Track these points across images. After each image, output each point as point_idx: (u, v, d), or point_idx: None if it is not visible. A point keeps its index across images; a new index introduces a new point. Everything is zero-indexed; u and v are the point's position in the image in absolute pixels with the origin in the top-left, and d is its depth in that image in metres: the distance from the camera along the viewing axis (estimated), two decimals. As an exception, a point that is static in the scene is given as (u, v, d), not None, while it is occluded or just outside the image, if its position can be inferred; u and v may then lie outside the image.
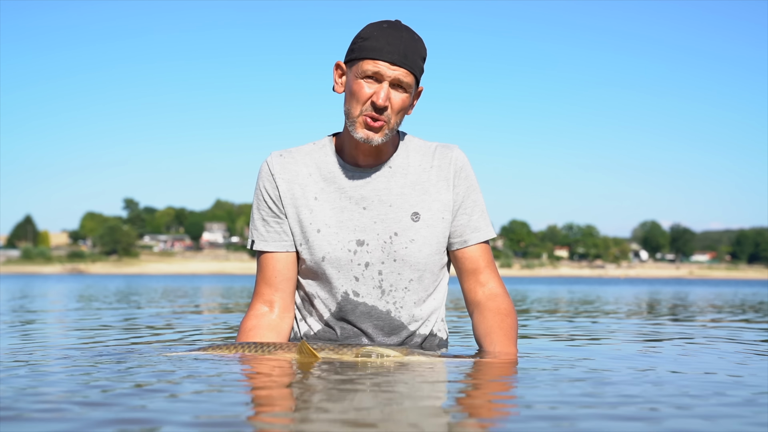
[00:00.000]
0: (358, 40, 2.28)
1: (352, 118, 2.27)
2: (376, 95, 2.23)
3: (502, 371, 2.12)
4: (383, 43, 2.23)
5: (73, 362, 2.29)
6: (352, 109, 2.27)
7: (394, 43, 2.23)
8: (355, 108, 2.25)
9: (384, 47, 2.22)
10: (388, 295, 2.34)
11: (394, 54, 2.22)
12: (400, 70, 2.23)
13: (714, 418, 1.54)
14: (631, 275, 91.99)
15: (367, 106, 2.24)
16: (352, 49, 2.29)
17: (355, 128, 2.27)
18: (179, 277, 42.11)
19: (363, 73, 2.24)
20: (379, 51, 2.22)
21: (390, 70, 2.23)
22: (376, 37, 2.24)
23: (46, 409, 1.55)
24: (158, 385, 1.81)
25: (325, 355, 2.19)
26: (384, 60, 2.22)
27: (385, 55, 2.22)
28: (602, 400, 1.71)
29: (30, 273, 68.10)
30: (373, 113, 2.24)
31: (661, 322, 4.99)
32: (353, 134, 2.28)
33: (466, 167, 2.41)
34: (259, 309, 2.40)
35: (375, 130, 2.26)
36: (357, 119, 2.26)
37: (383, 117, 2.24)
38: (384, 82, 2.23)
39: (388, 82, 2.23)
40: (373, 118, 2.24)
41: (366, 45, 2.24)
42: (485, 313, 2.36)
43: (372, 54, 2.23)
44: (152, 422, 1.43)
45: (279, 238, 2.37)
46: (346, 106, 2.29)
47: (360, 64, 2.24)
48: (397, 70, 2.23)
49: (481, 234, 2.40)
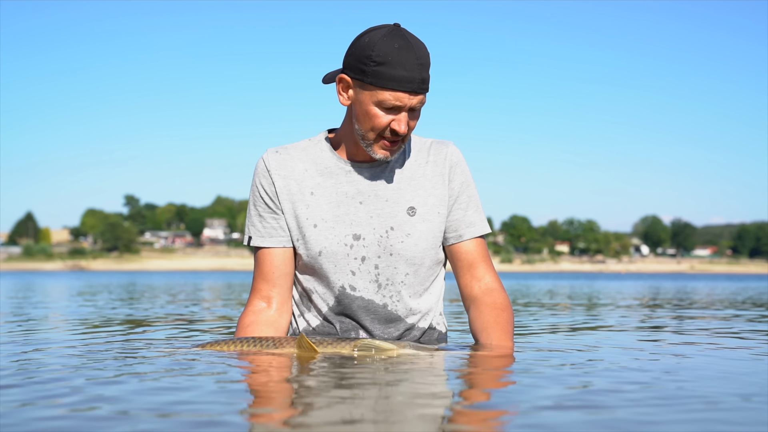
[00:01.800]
0: (369, 62, 2.19)
1: (367, 140, 2.27)
2: (397, 123, 2.22)
3: (499, 364, 2.13)
4: (401, 71, 2.18)
5: (73, 358, 2.31)
6: (367, 134, 2.26)
7: (412, 70, 2.18)
8: (371, 133, 2.25)
9: (403, 77, 2.18)
10: (384, 289, 2.35)
11: (414, 83, 2.19)
12: (418, 97, 2.23)
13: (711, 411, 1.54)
14: (632, 270, 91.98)
15: (387, 132, 2.25)
16: (364, 70, 2.21)
17: (372, 149, 2.28)
18: (180, 274, 42.12)
19: (381, 104, 2.21)
20: (398, 82, 2.18)
21: (409, 99, 2.21)
22: (392, 64, 2.17)
23: (45, 406, 1.55)
24: (157, 381, 1.82)
25: (324, 349, 2.21)
26: (404, 91, 2.20)
27: (405, 86, 2.19)
28: (600, 395, 1.72)
29: (31, 270, 68.12)
30: (391, 138, 2.25)
31: (661, 316, 5.00)
32: (370, 153, 2.29)
33: (461, 163, 2.43)
34: (257, 305, 2.41)
35: (393, 152, 2.29)
36: (374, 141, 2.27)
37: (401, 138, 2.27)
38: (403, 111, 2.23)
39: (406, 108, 2.23)
40: (391, 141, 2.26)
41: (382, 72, 2.18)
42: (481, 308, 2.37)
43: (391, 85, 2.18)
44: (151, 418, 1.44)
45: (276, 233, 2.39)
46: (360, 127, 2.26)
47: (377, 92, 2.20)
48: (416, 97, 2.22)
49: (476, 229, 2.42)
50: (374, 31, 2.24)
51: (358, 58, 2.22)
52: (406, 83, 2.19)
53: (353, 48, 2.25)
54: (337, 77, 2.29)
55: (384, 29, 2.23)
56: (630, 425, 1.39)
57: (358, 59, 2.22)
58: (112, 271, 65.53)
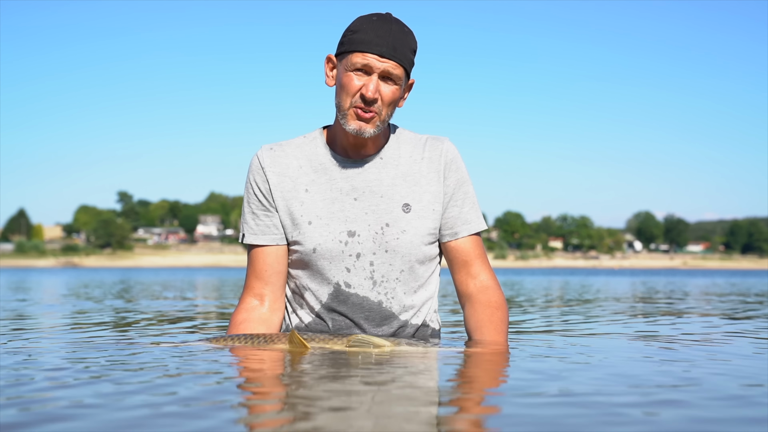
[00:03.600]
0: (347, 33, 2.28)
1: (343, 110, 2.28)
2: (366, 88, 2.24)
3: (492, 360, 2.13)
4: (372, 35, 2.24)
5: (66, 353, 2.29)
6: (342, 102, 2.28)
7: (383, 36, 2.24)
8: (345, 100, 2.26)
9: (373, 40, 2.23)
10: (379, 285, 2.34)
11: (383, 46, 2.23)
12: (389, 63, 2.24)
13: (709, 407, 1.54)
14: (625, 266, 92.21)
15: (357, 98, 2.25)
16: (342, 42, 2.29)
17: (346, 120, 2.28)
18: (173, 270, 42.09)
19: (352, 66, 2.24)
20: (368, 44, 2.23)
21: (379, 63, 2.23)
22: (365, 30, 2.25)
23: (44, 399, 1.54)
24: (147, 378, 1.81)
25: (316, 345, 2.20)
26: (373, 52, 2.23)
27: (374, 48, 2.23)
28: (596, 391, 1.71)
29: (24, 266, 67.99)
30: (363, 105, 2.25)
31: (654, 312, 5.00)
32: (345, 126, 2.28)
33: (456, 159, 2.42)
34: (250, 302, 2.40)
35: (366, 121, 2.27)
36: (348, 111, 2.27)
37: (374, 109, 2.26)
38: (373, 74, 2.24)
39: (377, 74, 2.24)
40: (363, 109, 2.25)
41: (355, 38, 2.25)
42: (476, 305, 2.37)
43: (361, 47, 2.23)
44: (143, 414, 1.43)
45: (269, 231, 2.38)
46: (337, 99, 2.30)
47: (349, 56, 2.25)
48: (386, 62, 2.24)
49: (471, 226, 2.41)
50: None
51: (342, 36, 2.31)
52: (375, 46, 2.23)
53: None
54: (326, 57, 2.35)
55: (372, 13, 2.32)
56: (627, 419, 1.38)
57: (342, 36, 2.31)
58: (105, 267, 65.45)
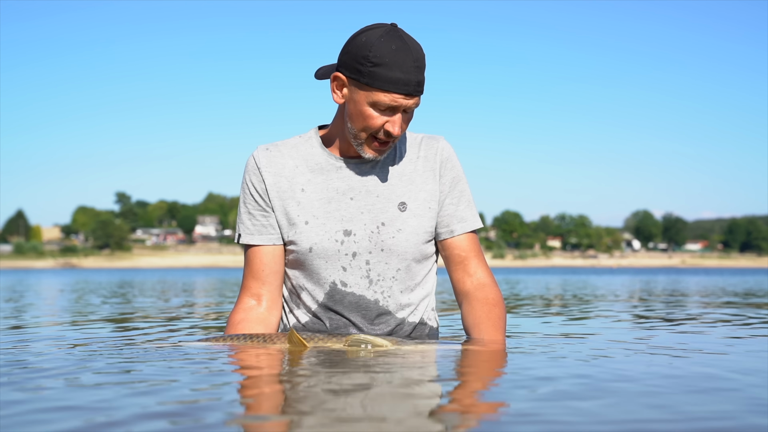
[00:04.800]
0: (366, 62, 2.17)
1: (359, 139, 2.26)
2: (391, 125, 2.21)
3: (490, 358, 2.13)
4: (398, 73, 2.16)
5: (63, 354, 2.29)
6: (359, 133, 2.25)
7: (408, 72, 2.17)
8: (363, 133, 2.25)
9: (399, 79, 2.16)
10: (375, 284, 2.34)
11: (410, 86, 2.18)
12: (414, 100, 2.22)
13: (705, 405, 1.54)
14: (623, 265, 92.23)
15: (379, 132, 2.24)
16: (360, 70, 2.19)
17: (363, 149, 2.27)
18: (172, 271, 42.04)
19: (376, 105, 2.20)
20: (394, 84, 2.16)
21: (405, 101, 2.20)
22: (389, 66, 2.16)
23: (40, 399, 1.54)
24: (147, 377, 1.81)
25: (314, 344, 2.20)
26: (399, 93, 2.18)
27: (401, 88, 2.17)
28: (594, 387, 1.71)
29: (22, 268, 67.92)
30: (384, 139, 2.25)
31: (653, 309, 5.01)
32: (360, 152, 2.28)
33: (452, 158, 2.42)
34: (247, 302, 2.40)
35: (383, 152, 2.29)
36: (365, 141, 2.26)
37: (392, 139, 2.26)
38: (398, 112, 2.22)
39: (401, 110, 2.22)
40: (384, 142, 2.26)
41: (379, 74, 2.16)
42: (473, 303, 2.37)
43: (387, 87, 2.17)
44: (143, 413, 1.43)
45: (266, 231, 2.38)
46: (352, 125, 2.25)
47: (373, 93, 2.18)
48: (412, 100, 2.21)
49: (467, 224, 2.41)
50: (371, 30, 2.22)
51: (354, 58, 2.21)
52: (403, 85, 2.18)
53: (349, 47, 2.23)
54: (332, 75, 2.27)
55: (381, 29, 2.21)
56: (626, 417, 1.39)
57: (355, 59, 2.20)
58: (103, 268, 65.39)
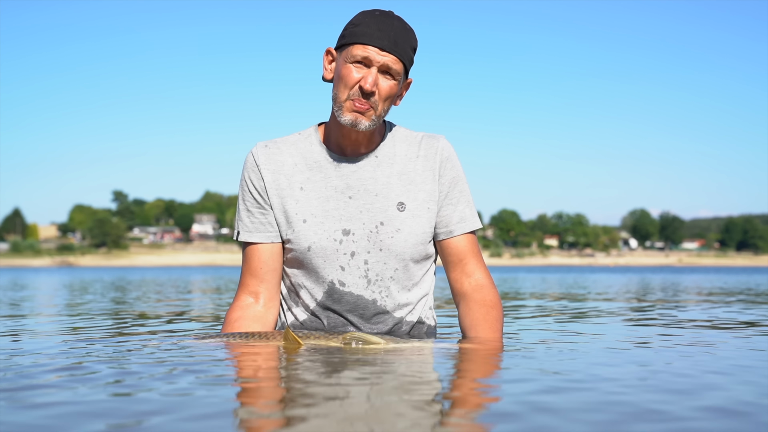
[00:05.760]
0: (349, 26, 2.28)
1: (339, 102, 2.27)
2: (364, 80, 2.23)
3: (487, 357, 2.13)
4: (374, 29, 2.24)
5: (60, 351, 2.29)
6: (339, 94, 2.27)
7: (385, 30, 2.24)
8: (343, 92, 2.26)
9: (374, 33, 2.23)
10: (374, 284, 2.34)
11: (384, 40, 2.23)
12: (389, 57, 2.24)
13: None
14: (620, 263, 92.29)
15: (355, 90, 2.25)
16: (343, 35, 2.29)
17: (342, 112, 2.27)
18: (169, 269, 42.01)
19: (352, 58, 2.24)
20: (369, 36, 2.23)
21: (379, 56, 2.23)
22: (367, 23, 2.25)
23: (37, 397, 1.54)
24: (143, 375, 1.81)
25: (311, 342, 2.20)
26: (374, 45, 2.23)
27: (375, 41, 2.23)
28: (591, 387, 1.71)
29: (19, 266, 67.83)
30: (360, 98, 2.24)
31: (650, 308, 5.01)
32: (340, 119, 2.27)
33: (452, 157, 2.41)
34: (245, 300, 2.40)
35: (362, 113, 2.26)
36: (344, 103, 2.26)
37: (370, 102, 2.25)
38: (372, 67, 2.24)
39: (376, 67, 2.24)
40: (360, 102, 2.25)
41: (357, 30, 2.25)
42: (471, 304, 2.36)
43: (362, 39, 2.23)
44: (137, 411, 1.43)
45: (264, 228, 2.37)
46: (334, 90, 2.29)
47: (349, 49, 2.25)
48: (386, 56, 2.24)
49: (467, 224, 2.40)
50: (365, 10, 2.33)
51: (342, 30, 2.30)
52: (376, 39, 2.23)
53: None
54: (325, 50, 2.34)
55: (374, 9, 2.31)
56: (624, 415, 1.39)
57: (342, 30, 2.30)
58: (100, 267, 65.33)
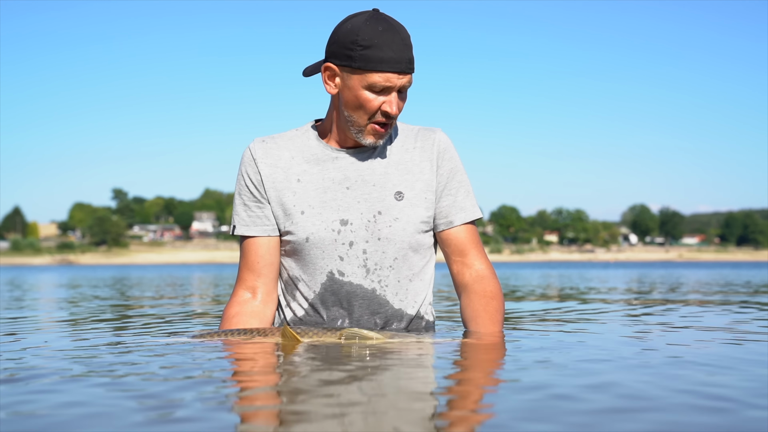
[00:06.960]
0: (356, 47, 2.20)
1: (358, 126, 2.27)
2: (389, 105, 2.23)
3: (486, 352, 2.12)
4: (389, 52, 2.19)
5: (60, 350, 2.28)
6: (358, 119, 2.26)
7: (399, 51, 2.20)
8: (362, 117, 2.25)
9: (391, 58, 2.19)
10: (373, 273, 2.32)
11: (402, 63, 2.21)
12: (406, 77, 2.23)
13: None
14: (620, 259, 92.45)
15: (378, 115, 2.24)
16: (351, 56, 2.21)
17: (363, 136, 2.28)
18: (169, 267, 42.10)
19: (372, 87, 2.21)
20: (387, 63, 2.19)
21: (398, 80, 2.22)
22: (378, 46, 2.19)
23: (35, 396, 1.55)
24: (141, 372, 1.80)
25: (308, 339, 2.18)
26: (393, 71, 2.20)
27: (394, 66, 2.20)
28: (591, 382, 1.71)
29: (19, 264, 67.94)
30: (383, 120, 2.25)
31: (651, 304, 5.00)
32: (360, 140, 2.29)
33: (449, 149, 2.40)
34: (242, 296, 2.38)
35: (382, 137, 2.28)
36: (365, 127, 2.26)
37: (390, 121, 2.26)
38: (393, 92, 2.23)
39: (396, 89, 2.23)
40: (382, 125, 2.26)
41: (370, 55, 2.19)
42: (471, 296, 2.35)
43: (380, 67, 2.19)
44: (135, 408, 1.42)
45: (261, 222, 2.36)
46: (350, 112, 2.26)
47: (367, 76, 2.20)
48: (405, 77, 2.23)
49: (467, 214, 2.39)
50: (355, 17, 2.26)
51: (343, 45, 2.22)
52: (395, 64, 2.20)
53: (336, 36, 2.25)
54: (323, 66, 2.29)
55: (364, 15, 2.25)
56: (622, 414, 1.39)
57: (344, 46, 2.22)
58: (100, 265, 65.46)
